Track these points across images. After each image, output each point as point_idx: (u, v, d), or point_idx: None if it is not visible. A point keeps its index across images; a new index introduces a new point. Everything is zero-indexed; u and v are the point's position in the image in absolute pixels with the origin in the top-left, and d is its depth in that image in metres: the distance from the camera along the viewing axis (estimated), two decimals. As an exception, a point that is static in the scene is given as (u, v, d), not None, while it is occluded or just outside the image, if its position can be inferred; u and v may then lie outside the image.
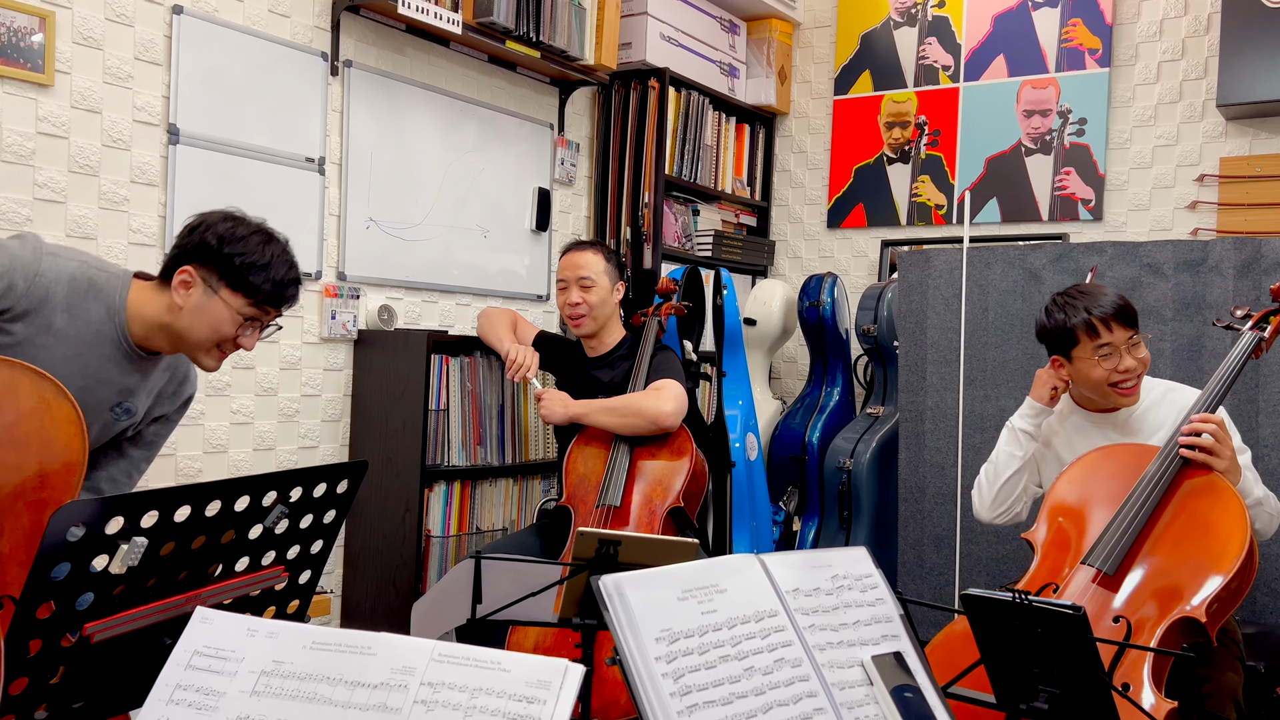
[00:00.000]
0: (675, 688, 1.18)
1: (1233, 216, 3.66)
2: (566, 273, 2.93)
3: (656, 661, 1.20)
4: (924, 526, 3.25)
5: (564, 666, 1.16)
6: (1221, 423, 2.02)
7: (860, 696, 1.34)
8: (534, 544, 2.82)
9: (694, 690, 1.20)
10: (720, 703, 1.20)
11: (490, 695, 1.16)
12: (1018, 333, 3.11)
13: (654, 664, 1.19)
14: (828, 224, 4.54)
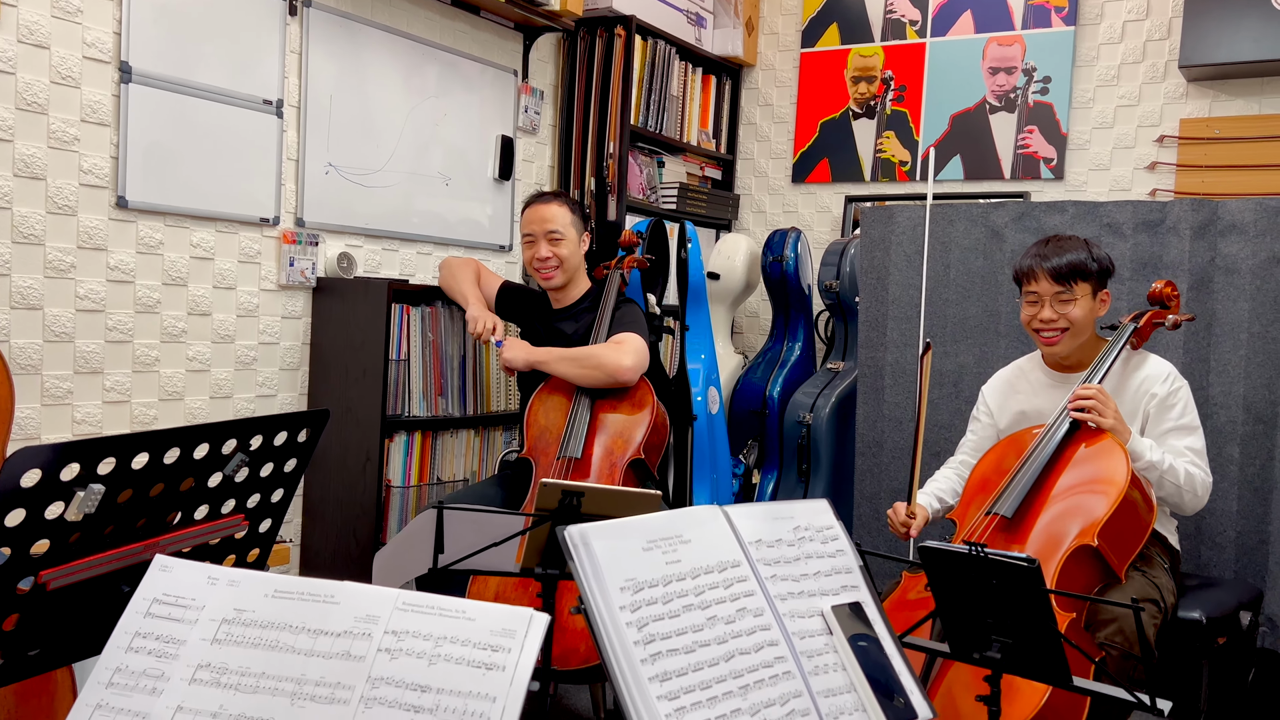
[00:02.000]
0: (639, 636, 1.19)
1: (1191, 178, 3.71)
2: (534, 226, 2.90)
3: (621, 610, 1.21)
4: (881, 480, 3.29)
5: (529, 615, 1.17)
6: (1102, 390, 2.28)
7: (820, 645, 1.36)
8: (495, 495, 2.82)
9: (657, 639, 1.21)
10: (683, 651, 1.21)
11: (455, 644, 1.16)
12: (978, 290, 3.13)
13: (619, 613, 1.20)
14: (792, 179, 4.54)
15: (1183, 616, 2.23)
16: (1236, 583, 2.57)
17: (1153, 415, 2.35)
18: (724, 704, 1.20)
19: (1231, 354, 2.77)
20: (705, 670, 1.21)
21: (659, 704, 1.15)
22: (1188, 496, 2.29)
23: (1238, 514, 2.76)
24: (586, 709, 2.85)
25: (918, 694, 1.43)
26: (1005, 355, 2.88)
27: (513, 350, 2.87)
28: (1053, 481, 2.26)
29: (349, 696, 1.12)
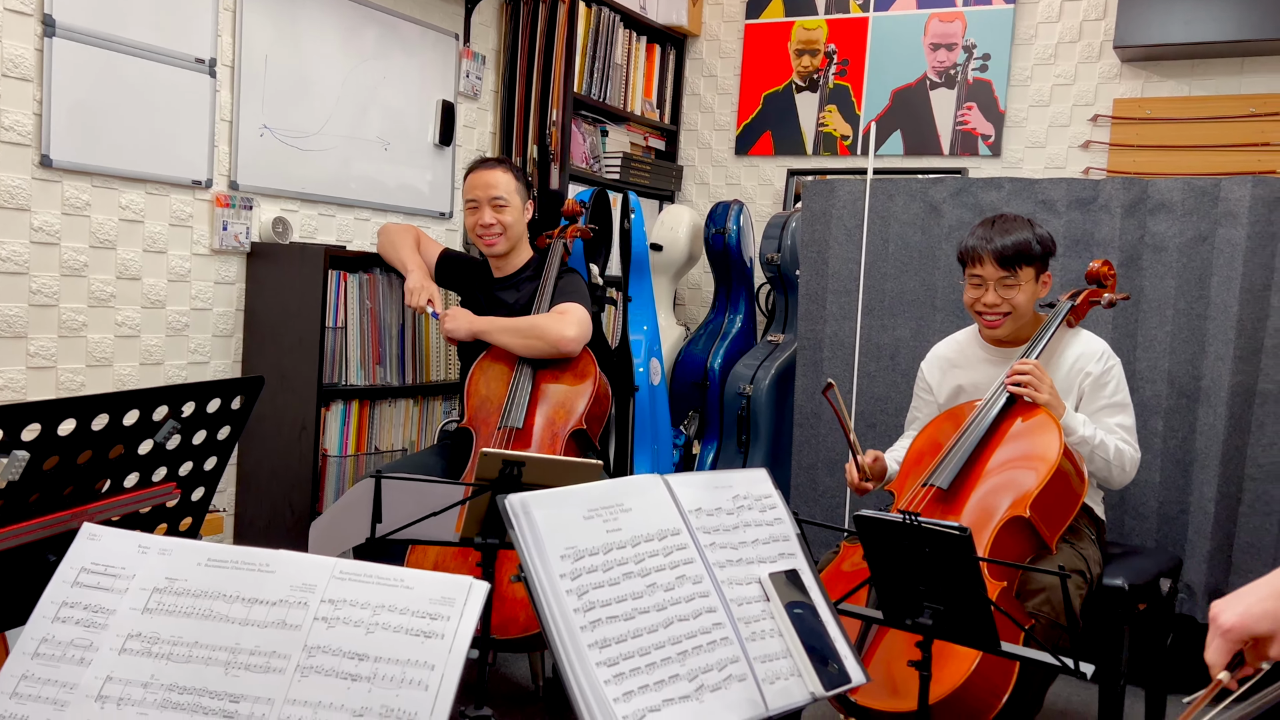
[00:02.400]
0: (579, 603, 1.20)
1: (1122, 157, 3.79)
2: (477, 192, 2.86)
3: (561, 578, 1.21)
4: (818, 451, 3.33)
5: (468, 583, 1.16)
6: (1038, 365, 2.33)
7: (757, 612, 1.38)
8: (435, 464, 2.80)
9: (597, 606, 1.21)
10: (623, 618, 1.22)
11: (393, 612, 1.15)
12: (915, 264, 3.18)
13: (559, 581, 1.20)
14: (736, 151, 4.54)
15: (1107, 584, 2.30)
16: (1158, 551, 2.66)
17: (1087, 392, 2.41)
18: (662, 670, 1.21)
19: (1158, 330, 2.85)
20: (644, 637, 1.22)
21: (598, 670, 1.15)
22: (1116, 472, 2.36)
23: (1160, 485, 2.85)
24: (525, 677, 2.86)
25: (852, 660, 1.46)
26: (941, 329, 2.93)
27: (455, 321, 2.84)
28: (988, 454, 2.31)
29: (284, 665, 1.11)
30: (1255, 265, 2.73)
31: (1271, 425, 2.76)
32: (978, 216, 3.06)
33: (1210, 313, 2.79)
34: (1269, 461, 2.76)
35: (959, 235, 3.09)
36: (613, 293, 3.83)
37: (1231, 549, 2.84)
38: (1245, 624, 1.07)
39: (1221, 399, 2.76)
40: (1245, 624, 1.07)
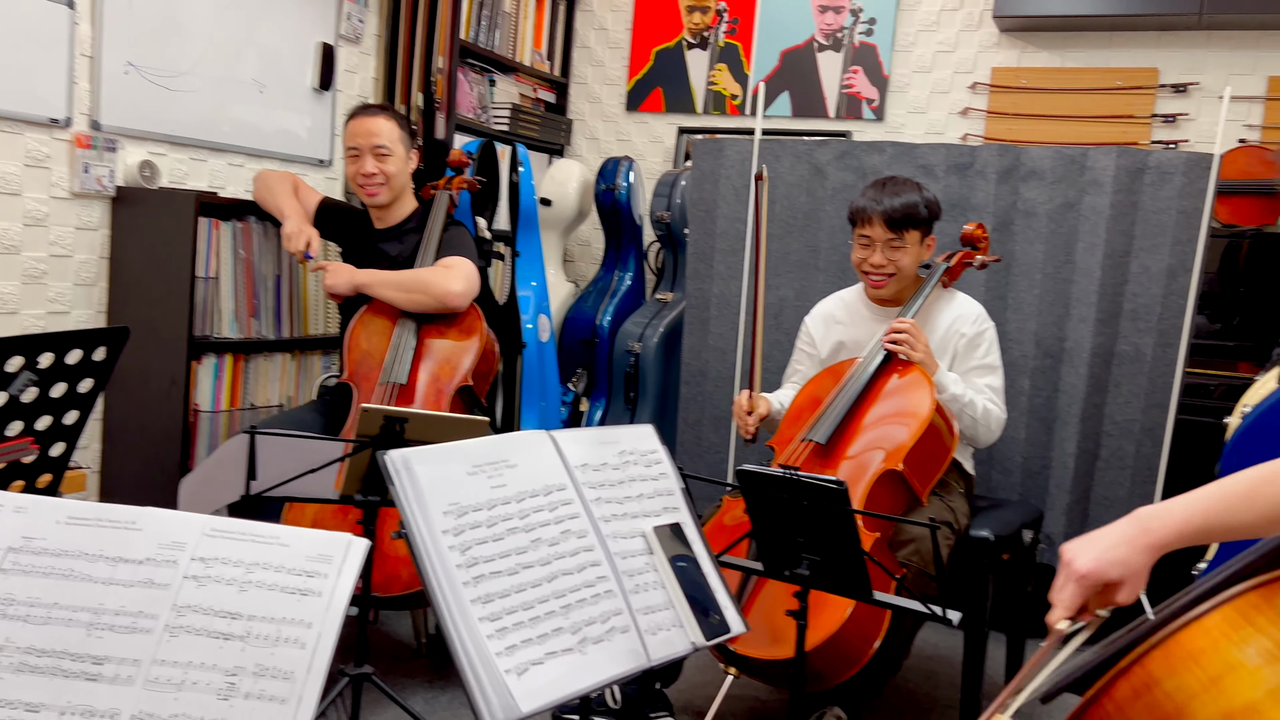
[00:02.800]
0: (462, 559, 1.19)
1: (999, 125, 3.92)
2: (359, 140, 2.77)
3: (444, 534, 1.20)
4: (704, 408, 3.37)
5: (347, 540, 1.14)
6: (915, 325, 2.40)
7: (641, 565, 1.39)
8: (314, 421, 2.73)
9: (480, 561, 1.21)
10: (507, 573, 1.22)
11: (268, 570, 1.12)
12: (800, 225, 3.22)
13: (441, 537, 1.19)
14: (627, 107, 4.51)
15: (973, 535, 2.41)
16: (1021, 504, 2.79)
17: (961, 353, 2.50)
18: (546, 623, 1.21)
19: (1027, 293, 2.97)
20: (528, 591, 1.22)
21: (481, 625, 1.15)
22: (982, 430, 2.46)
23: (1025, 441, 2.99)
24: (408, 635, 2.83)
25: (732, 610, 1.49)
26: (824, 289, 2.98)
27: (336, 275, 2.76)
28: (865, 410, 2.39)
29: (152, 625, 1.07)
30: (1117, 233, 2.86)
31: (1127, 385, 2.91)
32: (861, 180, 3.12)
33: (1075, 277, 2.92)
34: (1124, 419, 2.92)
35: (843, 197, 3.14)
36: (500, 247, 3.77)
37: (1089, 502, 3.00)
38: (1099, 570, 1.10)
39: (1083, 360, 2.90)
40: (1099, 570, 1.10)
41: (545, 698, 1.15)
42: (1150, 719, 0.81)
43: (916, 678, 2.82)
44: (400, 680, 2.57)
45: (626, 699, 2.30)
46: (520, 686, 1.13)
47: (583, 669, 1.21)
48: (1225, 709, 0.78)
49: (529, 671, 1.15)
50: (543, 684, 1.15)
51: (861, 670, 2.12)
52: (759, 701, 2.60)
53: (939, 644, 3.06)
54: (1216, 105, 3.61)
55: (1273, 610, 0.81)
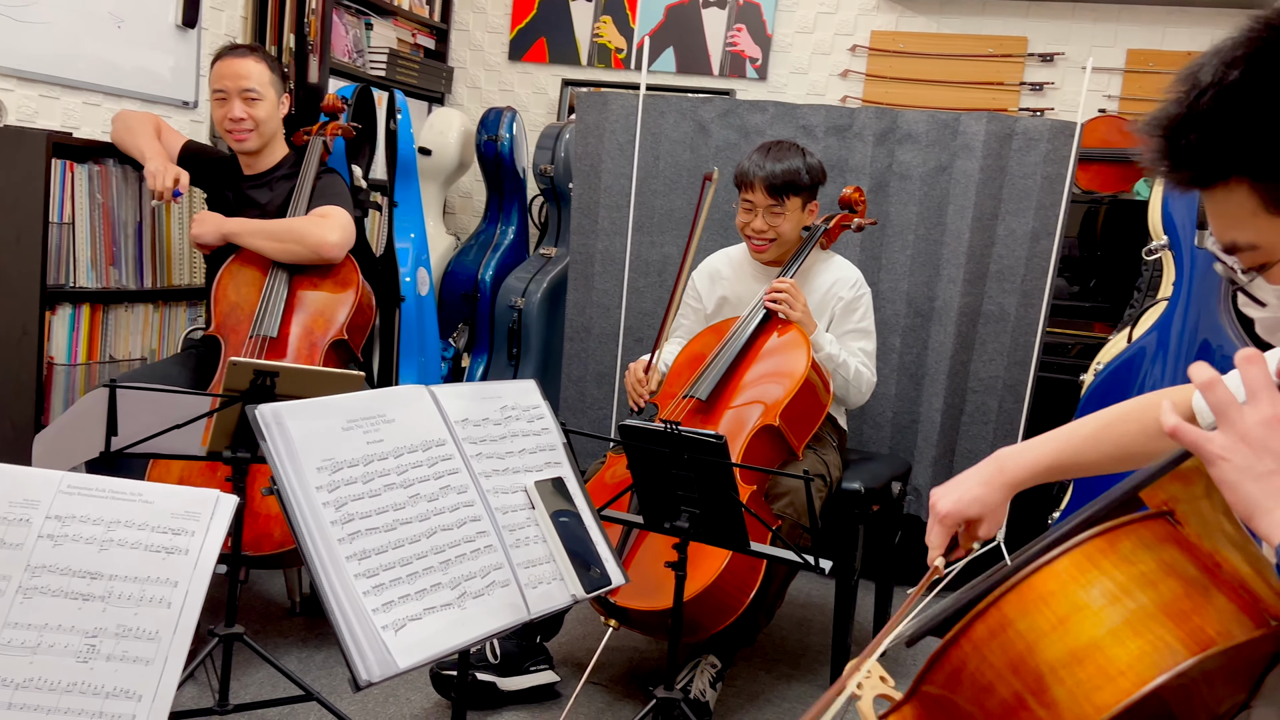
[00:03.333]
0: (337, 516, 1.16)
1: (877, 88, 4.00)
2: (226, 82, 2.64)
3: (318, 491, 1.17)
4: (587, 364, 3.37)
5: (215, 496, 1.10)
6: (794, 284, 2.45)
7: (522, 520, 1.39)
8: (179, 375, 2.61)
9: (356, 518, 1.18)
10: (383, 529, 1.20)
11: (130, 528, 1.08)
12: (684, 183, 3.23)
13: (314, 493, 1.16)
14: (509, 56, 4.42)
15: (845, 488, 2.49)
16: (891, 457, 2.89)
17: (838, 315, 2.57)
18: (424, 579, 1.20)
19: (900, 253, 3.06)
20: (406, 547, 1.20)
21: (356, 582, 1.13)
22: (853, 392, 2.54)
23: (895, 397, 3.09)
24: (281, 594, 2.77)
25: (613, 563, 1.50)
26: (706, 248, 3.00)
27: (202, 224, 2.63)
28: (745, 367, 2.43)
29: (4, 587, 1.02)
30: (986, 196, 2.97)
31: (992, 343, 3.04)
32: (744, 138, 3.15)
33: (945, 239, 3.02)
34: (988, 376, 3.06)
35: (726, 156, 3.16)
36: (377, 197, 3.67)
37: (954, 455, 3.14)
38: (959, 509, 1.19)
39: (951, 319, 3.01)
40: (959, 509, 1.19)
41: (423, 653, 1.14)
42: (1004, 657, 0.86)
43: (789, 625, 2.92)
44: (273, 640, 2.51)
45: (506, 654, 2.31)
46: (397, 642, 1.12)
47: (461, 624, 1.20)
48: (1071, 646, 0.83)
49: (406, 627, 1.13)
50: (420, 639, 1.14)
51: (737, 619, 2.18)
52: (638, 653, 2.64)
53: (811, 592, 3.16)
54: (1080, 75, 3.77)
55: (1116, 555, 0.87)
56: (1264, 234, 0.87)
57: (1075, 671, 0.82)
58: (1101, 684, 0.80)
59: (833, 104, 3.72)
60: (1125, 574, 0.86)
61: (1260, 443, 0.79)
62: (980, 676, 0.87)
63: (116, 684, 1.02)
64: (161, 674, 1.04)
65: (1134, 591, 0.84)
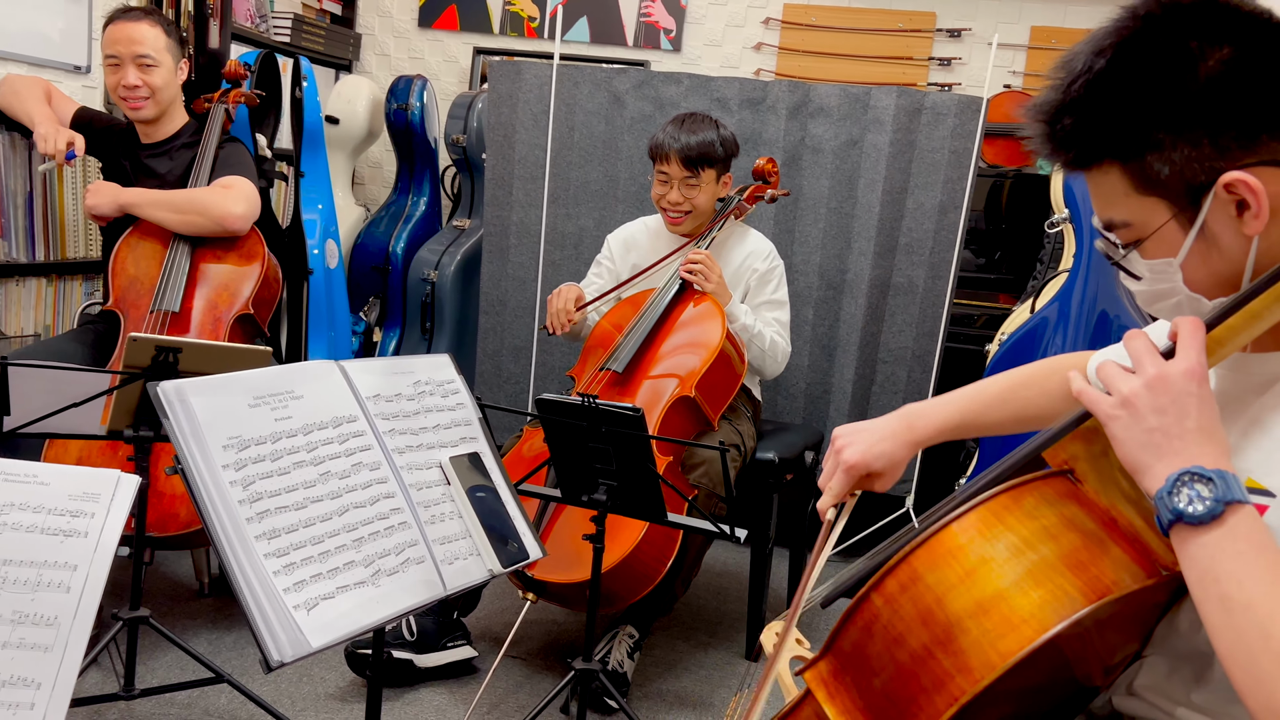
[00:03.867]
0: (244, 495, 1.13)
1: (790, 61, 4.02)
2: (120, 48, 2.52)
3: (224, 469, 1.14)
4: (503, 338, 3.35)
5: (115, 477, 1.06)
6: (709, 256, 2.47)
7: (437, 495, 1.37)
8: (76, 351, 2.51)
9: (265, 496, 1.15)
10: (294, 507, 1.17)
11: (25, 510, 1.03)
12: (600, 154, 3.22)
13: (220, 472, 1.13)
14: (419, 23, 4.33)
15: (760, 458, 2.52)
16: (804, 427, 2.94)
17: (753, 287, 2.60)
18: (336, 557, 1.18)
19: (812, 226, 3.10)
20: (317, 525, 1.18)
21: (266, 561, 1.11)
22: (769, 362, 2.57)
23: (808, 368, 3.14)
24: (189, 576, 2.70)
25: (530, 537, 1.50)
26: (622, 219, 3.00)
27: (98, 194, 2.53)
28: (661, 339, 2.44)
29: (-116, 578, 0.97)
30: (896, 170, 3.02)
31: (901, 315, 3.11)
32: (659, 110, 3.14)
33: (857, 212, 3.06)
34: (898, 346, 3.12)
35: (641, 128, 3.15)
36: (283, 167, 3.57)
37: (864, 424, 3.20)
38: (866, 461, 1.20)
39: (862, 291, 3.06)
40: (866, 461, 1.20)
41: (336, 632, 1.12)
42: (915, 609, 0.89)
43: (706, 594, 2.96)
44: (181, 623, 2.45)
45: (423, 630, 2.29)
46: (310, 621, 1.10)
47: (376, 601, 1.19)
48: (977, 597, 0.86)
49: (319, 606, 1.11)
50: (333, 618, 1.12)
51: (654, 589, 2.20)
52: (556, 625, 2.65)
53: (728, 561, 3.21)
54: (986, 52, 3.85)
55: (1020, 510, 0.91)
56: (1135, 212, 0.92)
57: (981, 621, 0.85)
58: (1005, 632, 0.84)
59: (746, 77, 3.74)
60: (1028, 528, 0.89)
61: (1145, 402, 0.85)
62: (891, 629, 0.90)
63: (14, 671, 0.98)
64: (62, 660, 1.00)
65: (1036, 544, 0.88)
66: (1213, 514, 0.80)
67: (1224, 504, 0.80)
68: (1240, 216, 0.87)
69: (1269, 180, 0.86)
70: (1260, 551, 0.79)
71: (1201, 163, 0.87)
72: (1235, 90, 0.85)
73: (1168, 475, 0.83)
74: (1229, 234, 0.89)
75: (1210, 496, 0.80)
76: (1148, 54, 0.87)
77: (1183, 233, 0.90)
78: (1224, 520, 0.80)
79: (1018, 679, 0.84)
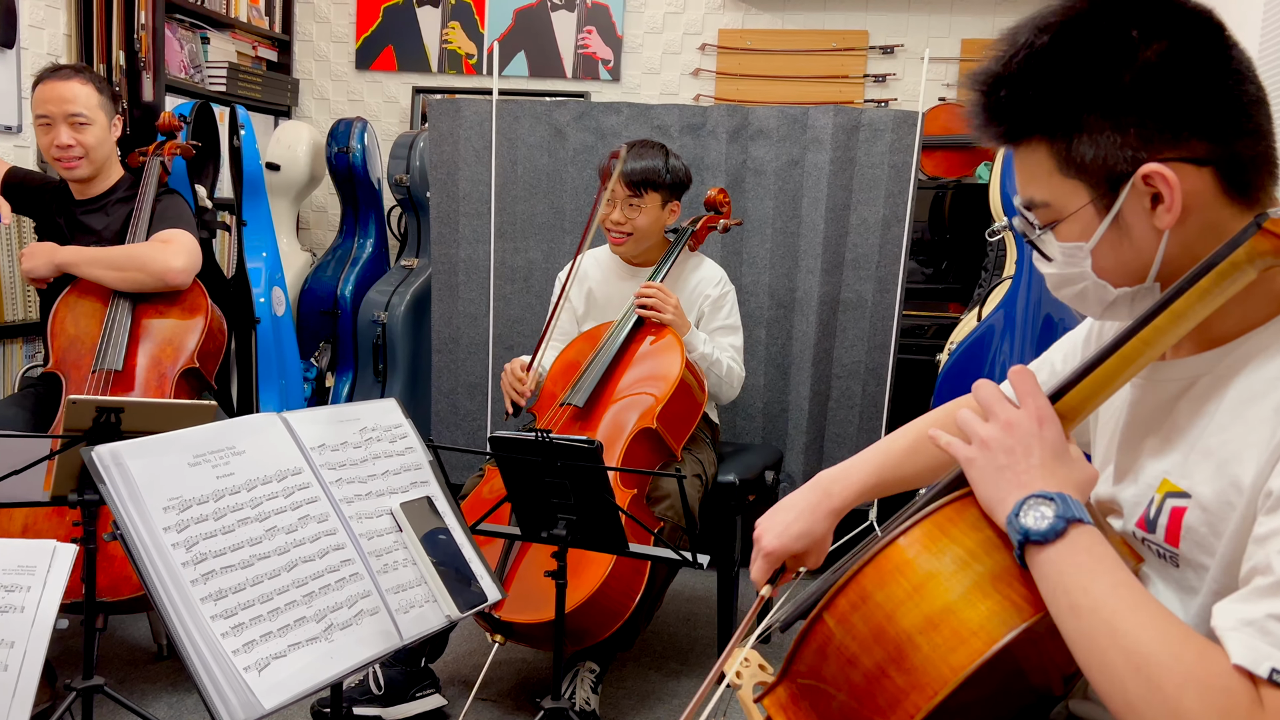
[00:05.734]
0: (188, 556, 1.10)
1: (728, 85, 4.06)
2: (50, 107, 2.48)
3: (165, 532, 1.11)
4: (458, 375, 3.32)
5: (51, 547, 1.04)
6: (661, 288, 2.47)
7: (389, 544, 1.35)
8: (17, 416, 2.45)
9: (209, 557, 1.13)
10: (240, 566, 1.14)
11: (-46, 591, 1.00)
12: (544, 187, 3.22)
13: (162, 535, 1.10)
14: (356, 65, 4.32)
15: (721, 481, 2.52)
16: (764, 447, 2.95)
17: (706, 313, 2.61)
18: (287, 614, 1.15)
19: (759, 248, 3.12)
20: (265, 583, 1.15)
21: (213, 624, 1.08)
22: (725, 388, 2.58)
23: (764, 387, 3.15)
24: (146, 639, 2.63)
25: (488, 579, 1.48)
26: (570, 250, 3.00)
27: (33, 257, 2.48)
28: (621, 372, 2.44)
29: None
30: (837, 187, 3.05)
31: (852, 329, 3.13)
32: (601, 141, 3.15)
33: (802, 230, 3.09)
34: (850, 361, 3.14)
35: (584, 159, 3.16)
36: (225, 216, 3.53)
37: (824, 440, 3.22)
38: (784, 544, 1.20)
39: (812, 308, 3.08)
40: (784, 544, 1.20)
41: (290, 691, 1.09)
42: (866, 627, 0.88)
43: (675, 621, 2.94)
44: (140, 687, 2.39)
45: (390, 682, 2.25)
46: (261, 683, 1.07)
47: (331, 657, 1.16)
48: (926, 612, 0.86)
49: (270, 666, 1.09)
50: (286, 677, 1.09)
51: (624, 624, 2.18)
52: (526, 664, 2.61)
53: (696, 586, 3.19)
54: (919, 66, 3.91)
55: (964, 522, 0.91)
56: (1056, 193, 0.94)
57: (931, 636, 0.85)
58: (956, 645, 0.83)
59: (686, 103, 3.77)
60: (973, 539, 0.90)
61: (996, 443, 0.91)
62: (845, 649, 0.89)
63: (-50, 759, 0.95)
64: (1, 743, 0.97)
65: (982, 556, 0.88)
66: (1055, 530, 0.85)
67: (1065, 520, 0.85)
68: (1154, 210, 0.89)
69: (1186, 177, 0.87)
70: (1099, 561, 0.83)
71: (1125, 151, 0.88)
72: (1167, 84, 0.87)
73: (1015, 502, 0.88)
74: (1141, 225, 0.90)
75: (1052, 514, 0.85)
76: (1089, 36, 0.89)
77: (1098, 218, 0.92)
78: (1066, 535, 0.85)
79: (973, 691, 0.84)
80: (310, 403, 3.84)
